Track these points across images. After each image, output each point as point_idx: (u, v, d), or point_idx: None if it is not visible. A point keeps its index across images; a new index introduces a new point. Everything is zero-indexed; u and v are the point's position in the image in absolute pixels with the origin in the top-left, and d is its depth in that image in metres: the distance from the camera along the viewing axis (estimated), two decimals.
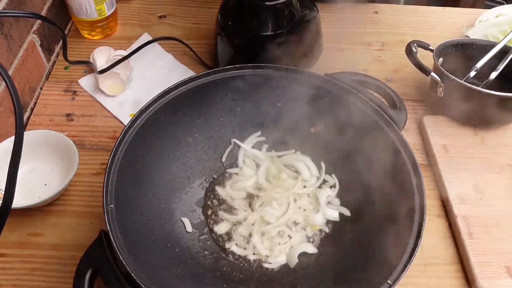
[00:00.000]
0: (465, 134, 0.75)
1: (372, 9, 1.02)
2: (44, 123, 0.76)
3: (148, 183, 0.60)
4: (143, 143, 0.59)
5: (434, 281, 0.60)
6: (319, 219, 0.62)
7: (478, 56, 0.77)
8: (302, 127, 0.69)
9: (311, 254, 0.60)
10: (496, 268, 0.59)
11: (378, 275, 0.48)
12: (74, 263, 0.48)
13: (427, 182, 0.70)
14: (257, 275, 0.58)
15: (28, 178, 0.66)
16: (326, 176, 0.67)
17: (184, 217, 0.62)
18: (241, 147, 0.70)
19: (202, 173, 0.68)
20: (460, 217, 0.64)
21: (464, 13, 1.02)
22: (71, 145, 0.65)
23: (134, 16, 0.97)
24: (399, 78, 0.87)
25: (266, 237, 0.61)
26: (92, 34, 0.90)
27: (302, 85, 0.65)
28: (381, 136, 0.60)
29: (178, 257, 0.57)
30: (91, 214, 0.64)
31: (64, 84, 0.82)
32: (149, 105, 0.60)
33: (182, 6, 1.00)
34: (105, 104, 0.79)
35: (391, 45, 0.94)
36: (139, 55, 0.84)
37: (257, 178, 0.67)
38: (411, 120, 0.78)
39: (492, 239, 0.62)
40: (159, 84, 0.81)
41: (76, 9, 0.84)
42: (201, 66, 0.86)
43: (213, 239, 0.62)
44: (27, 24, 0.77)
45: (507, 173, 0.70)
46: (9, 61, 0.71)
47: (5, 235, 0.61)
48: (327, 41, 0.90)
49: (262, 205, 0.64)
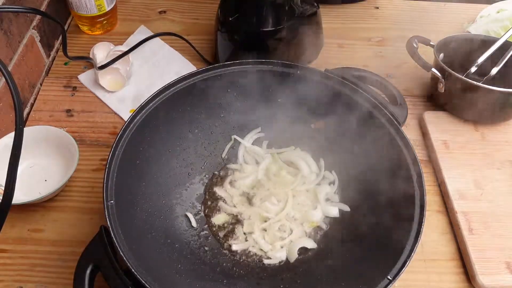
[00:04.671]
0: (465, 130, 0.75)
1: (373, 4, 1.02)
2: (44, 119, 0.76)
3: (148, 178, 0.60)
4: (143, 138, 0.59)
5: (434, 276, 0.60)
6: (316, 216, 0.63)
7: (479, 52, 0.76)
8: (302, 123, 0.69)
9: (311, 250, 0.60)
10: (496, 264, 0.59)
11: (378, 271, 0.48)
12: (74, 259, 0.48)
13: (428, 177, 0.70)
14: (257, 270, 0.59)
15: (28, 174, 0.66)
16: (326, 172, 0.67)
17: (189, 213, 0.63)
18: (241, 144, 0.70)
19: (202, 169, 0.68)
20: (460, 212, 0.64)
21: (465, 8, 1.02)
22: (71, 141, 0.65)
23: (134, 12, 0.96)
24: (400, 73, 0.87)
25: (267, 233, 0.61)
26: (92, 29, 0.90)
27: (302, 81, 0.65)
28: (381, 132, 0.60)
29: (178, 252, 0.57)
30: (91, 210, 0.64)
31: (64, 80, 0.82)
32: (149, 100, 0.59)
33: (182, 1, 1.00)
34: (105, 99, 0.79)
35: (391, 40, 0.94)
36: (139, 50, 0.84)
37: (257, 175, 0.67)
38: (412, 116, 0.78)
39: (492, 234, 0.62)
40: (159, 78, 0.81)
41: (76, 4, 0.84)
42: (201, 61, 0.86)
43: (213, 235, 0.62)
44: (27, 19, 0.76)
45: (507, 169, 0.70)
46: (9, 57, 0.71)
47: (5, 231, 0.61)
48: (328, 37, 0.90)
49: (261, 201, 0.64)
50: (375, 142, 0.61)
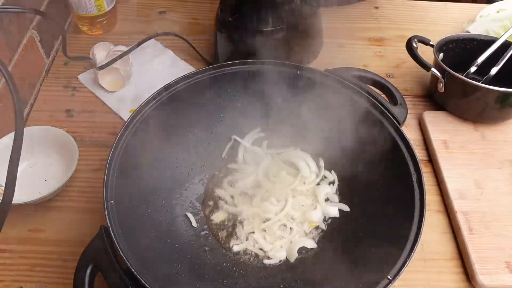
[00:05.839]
0: (465, 130, 0.75)
1: (373, 4, 1.02)
2: (44, 119, 0.76)
3: (148, 178, 0.60)
4: (143, 139, 0.59)
5: (434, 276, 0.60)
6: (316, 216, 0.63)
7: (479, 52, 0.77)
8: (302, 123, 0.69)
9: (311, 250, 0.60)
10: (496, 264, 0.59)
11: (378, 270, 0.48)
12: (74, 259, 0.48)
13: (427, 177, 0.70)
14: (257, 270, 0.59)
15: (28, 174, 0.66)
16: (326, 172, 0.67)
17: (189, 213, 0.63)
18: (241, 144, 0.70)
19: (202, 169, 0.68)
20: (460, 212, 0.64)
21: (465, 8, 1.02)
22: (71, 141, 0.65)
23: (133, 12, 0.96)
24: (400, 73, 0.87)
25: (267, 233, 0.61)
26: (92, 29, 0.90)
27: (302, 80, 0.65)
28: (381, 132, 0.60)
29: (178, 252, 0.57)
30: (92, 210, 0.64)
31: (63, 80, 0.82)
32: (149, 101, 0.59)
33: (182, 1, 1.00)
34: (105, 99, 0.79)
35: (391, 40, 0.94)
36: (139, 51, 0.84)
37: (256, 175, 0.67)
38: (412, 115, 0.78)
39: (492, 234, 0.62)
40: (159, 79, 0.81)
41: (76, 4, 0.84)
42: (201, 61, 0.86)
43: (213, 235, 0.62)
44: (27, 19, 0.76)
45: (507, 168, 0.70)
46: (9, 57, 0.71)
47: (5, 231, 0.61)
48: (327, 37, 0.90)
49: (261, 201, 0.64)
50: (375, 142, 0.61)
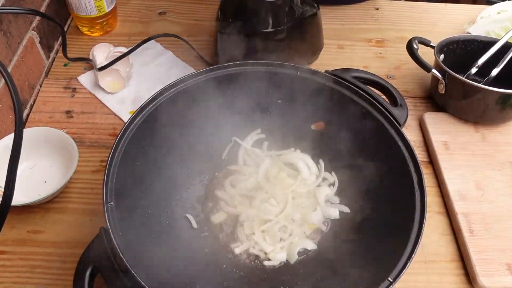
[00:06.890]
0: (466, 131, 0.75)
1: (373, 5, 1.02)
2: (43, 120, 0.75)
3: (148, 180, 0.59)
4: (143, 140, 0.59)
5: (435, 278, 0.60)
6: (316, 217, 0.62)
7: (480, 53, 0.77)
8: (303, 125, 0.69)
9: (311, 251, 0.60)
10: (497, 265, 0.59)
11: (379, 272, 0.48)
12: (74, 260, 0.48)
13: (428, 179, 0.70)
14: (258, 272, 0.58)
15: (28, 175, 0.66)
16: (326, 173, 0.67)
17: (189, 214, 0.62)
18: (241, 145, 0.70)
19: (203, 170, 0.68)
20: (461, 214, 0.64)
21: (465, 9, 1.02)
22: (70, 142, 0.65)
23: (133, 13, 0.96)
24: (400, 75, 0.87)
25: (268, 234, 0.61)
26: (92, 30, 0.90)
27: (302, 82, 0.65)
28: (381, 133, 0.60)
29: (178, 254, 0.57)
30: (91, 211, 0.64)
31: (63, 81, 0.82)
32: (149, 102, 0.59)
33: (182, 2, 1.00)
34: (104, 101, 0.79)
35: (392, 41, 0.94)
36: (139, 52, 0.84)
37: (257, 177, 0.67)
38: (412, 117, 0.78)
39: (493, 236, 0.62)
40: (159, 81, 0.81)
41: (76, 5, 0.84)
42: (201, 63, 0.86)
43: (213, 237, 0.61)
44: (26, 20, 0.76)
45: (508, 170, 0.70)
46: (8, 58, 0.71)
47: (5, 232, 0.61)
48: (328, 38, 0.90)
49: (261, 202, 0.64)
50: (375, 144, 0.61)
